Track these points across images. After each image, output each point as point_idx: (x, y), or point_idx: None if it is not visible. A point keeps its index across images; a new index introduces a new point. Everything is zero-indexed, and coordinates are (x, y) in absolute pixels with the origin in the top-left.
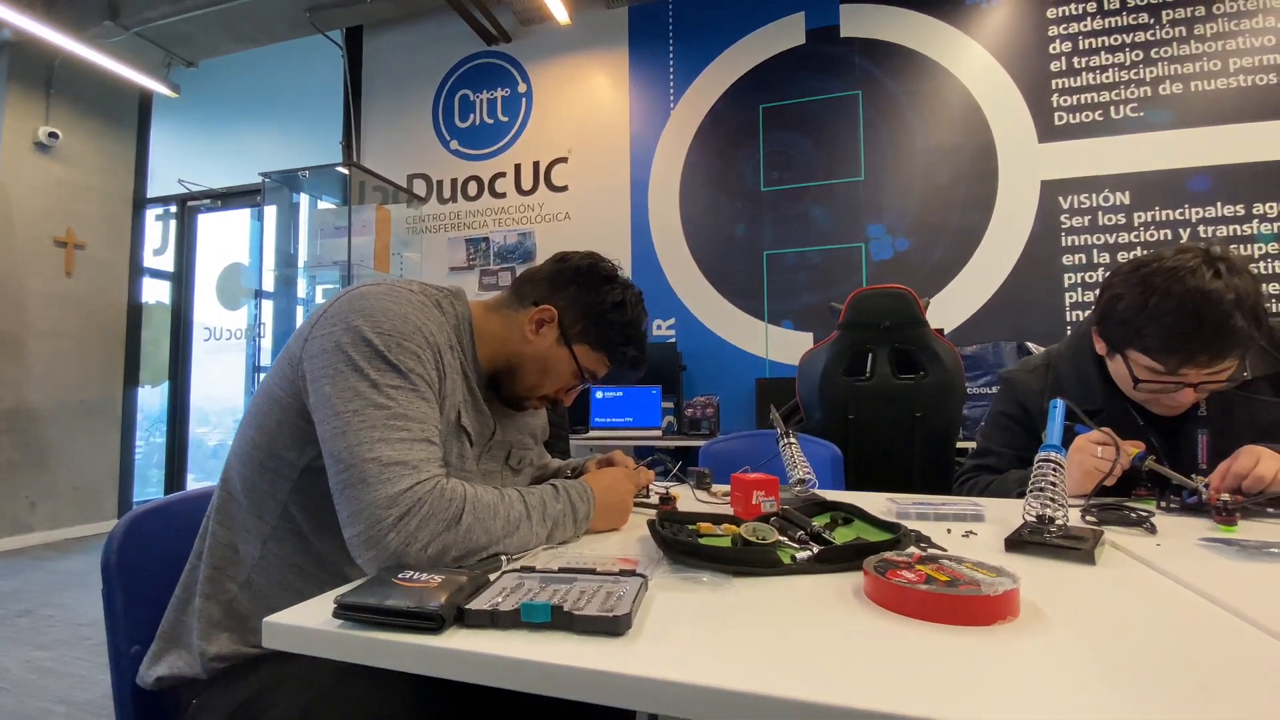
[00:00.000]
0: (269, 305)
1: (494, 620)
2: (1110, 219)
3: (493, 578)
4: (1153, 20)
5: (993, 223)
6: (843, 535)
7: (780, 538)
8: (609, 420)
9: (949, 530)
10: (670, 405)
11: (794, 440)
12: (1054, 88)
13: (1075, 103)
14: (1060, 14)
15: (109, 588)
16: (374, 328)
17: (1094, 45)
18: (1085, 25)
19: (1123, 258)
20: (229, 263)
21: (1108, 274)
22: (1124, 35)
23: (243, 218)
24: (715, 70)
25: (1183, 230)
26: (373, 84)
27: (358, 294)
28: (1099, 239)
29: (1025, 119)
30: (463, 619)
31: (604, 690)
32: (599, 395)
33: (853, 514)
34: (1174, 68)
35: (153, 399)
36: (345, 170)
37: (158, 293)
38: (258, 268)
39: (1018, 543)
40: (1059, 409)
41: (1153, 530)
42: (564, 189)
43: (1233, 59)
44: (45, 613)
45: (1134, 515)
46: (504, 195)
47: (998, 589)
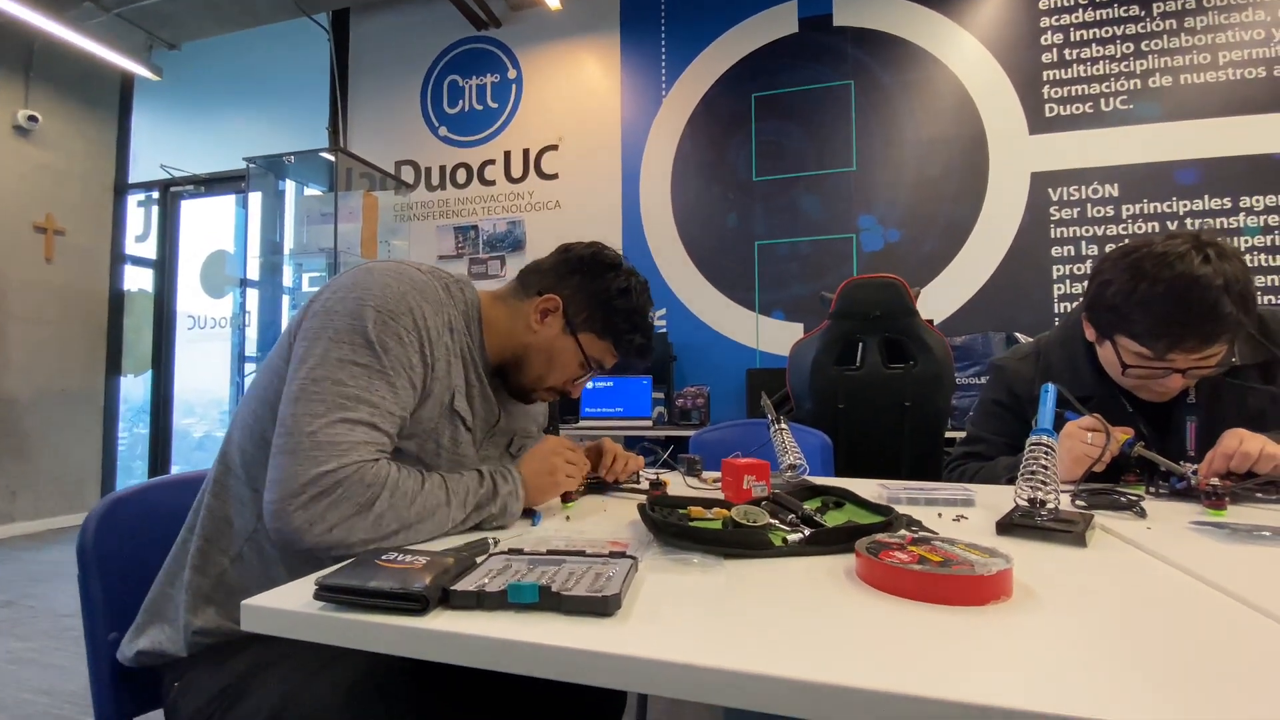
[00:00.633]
0: (254, 293)
1: (480, 601)
2: (1099, 211)
3: (479, 560)
4: (1143, 12)
5: (983, 214)
6: (834, 518)
7: (771, 520)
8: (599, 410)
9: (940, 515)
10: (661, 395)
11: (785, 426)
12: (1045, 79)
13: (1065, 94)
14: (1052, 4)
15: (85, 574)
16: (366, 303)
17: (1085, 37)
18: (1076, 17)
19: (1111, 250)
20: (213, 250)
21: (1098, 258)
22: (1114, 27)
23: (227, 204)
24: (707, 58)
25: (1170, 223)
26: (360, 68)
27: (364, 269)
28: (1088, 231)
29: (1016, 110)
30: (448, 600)
31: (593, 670)
32: (589, 385)
33: (844, 498)
34: (1164, 60)
35: (135, 389)
36: (331, 156)
37: (140, 280)
38: (242, 255)
39: (1009, 525)
40: (1050, 393)
41: (1143, 514)
42: (554, 177)
43: (1222, 52)
44: (26, 604)
45: (1124, 500)
46: (493, 183)
47: (991, 569)
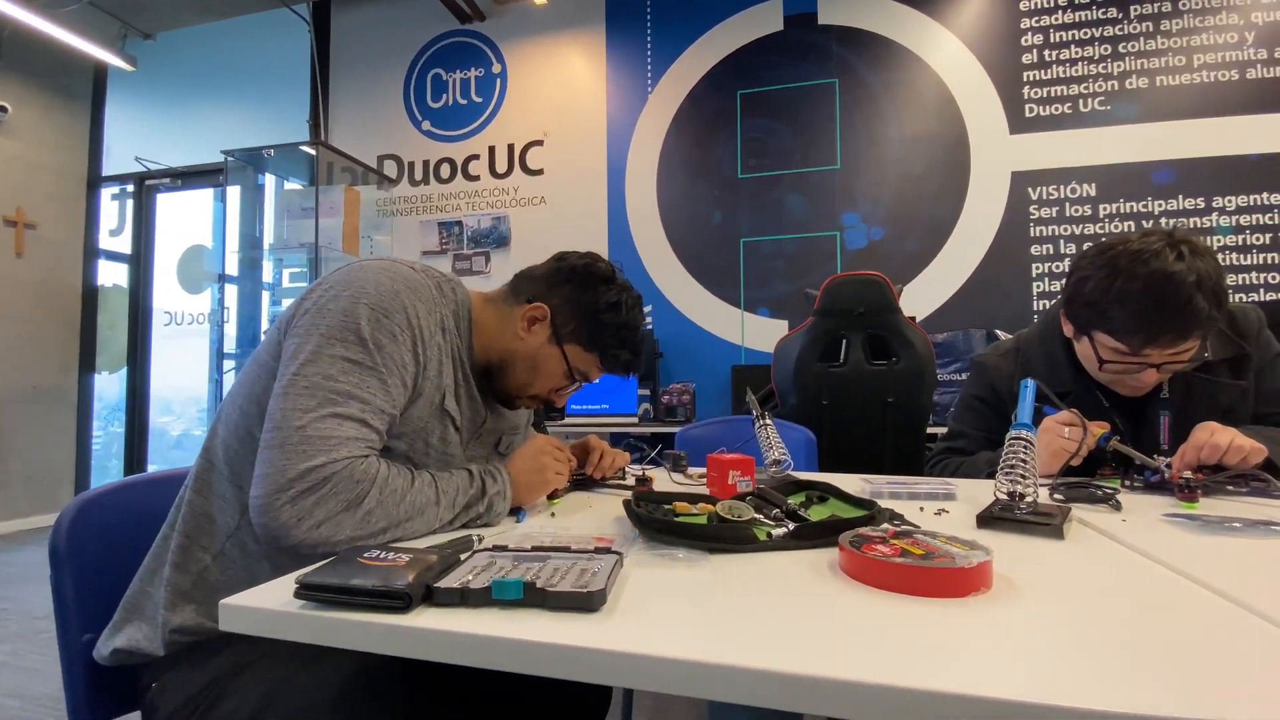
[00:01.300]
0: (233, 289)
1: (464, 598)
2: (1077, 210)
3: (463, 557)
4: (1121, 15)
5: (964, 213)
6: (818, 513)
7: (756, 515)
8: (585, 407)
9: (921, 509)
10: (646, 392)
11: (769, 422)
12: (1025, 80)
13: (1045, 95)
14: (1032, 6)
15: (58, 575)
16: (360, 300)
17: (1064, 38)
18: (1056, 18)
19: (1088, 248)
20: (190, 245)
21: (1075, 255)
22: (1093, 29)
23: (204, 198)
24: (693, 54)
25: (1146, 222)
26: (341, 61)
27: (357, 266)
28: (1066, 230)
29: (997, 110)
30: (431, 598)
31: (578, 666)
32: None
33: (827, 492)
34: (1140, 62)
35: (110, 386)
36: (312, 150)
37: (114, 275)
38: (221, 250)
39: (989, 519)
40: (1030, 389)
41: (1118, 507)
42: (539, 172)
43: (1197, 55)
44: None
45: (1100, 493)
46: (477, 178)
47: (972, 561)
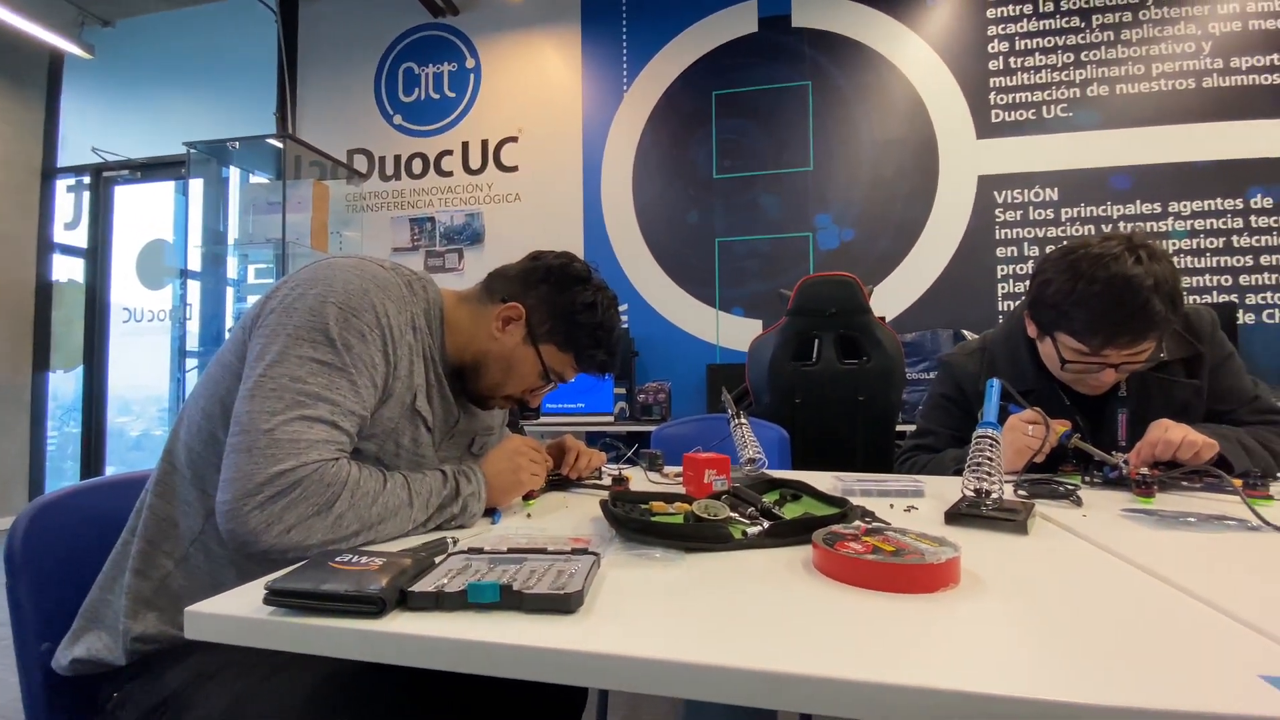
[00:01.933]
0: (195, 285)
1: (439, 602)
2: (1040, 214)
3: (438, 560)
4: (1084, 24)
5: (933, 215)
6: (792, 511)
7: (732, 514)
8: (560, 406)
9: (891, 506)
10: (622, 391)
11: (744, 421)
12: (992, 86)
13: (1011, 101)
14: (999, 14)
15: (14, 582)
16: (328, 299)
17: (1029, 46)
18: (1022, 26)
19: (1049, 250)
20: (150, 239)
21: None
22: (1057, 38)
23: (165, 191)
24: (669, 54)
25: (1106, 225)
26: (310, 52)
27: (324, 264)
28: (1030, 233)
29: (965, 115)
30: (405, 602)
31: (555, 668)
32: None
33: (801, 490)
34: (1101, 70)
35: (66, 385)
36: (279, 143)
37: (70, 270)
38: (183, 245)
39: (957, 515)
40: (995, 388)
41: (1079, 503)
42: (514, 169)
43: (1155, 64)
44: None
45: (1062, 489)
46: (451, 174)
47: (940, 557)
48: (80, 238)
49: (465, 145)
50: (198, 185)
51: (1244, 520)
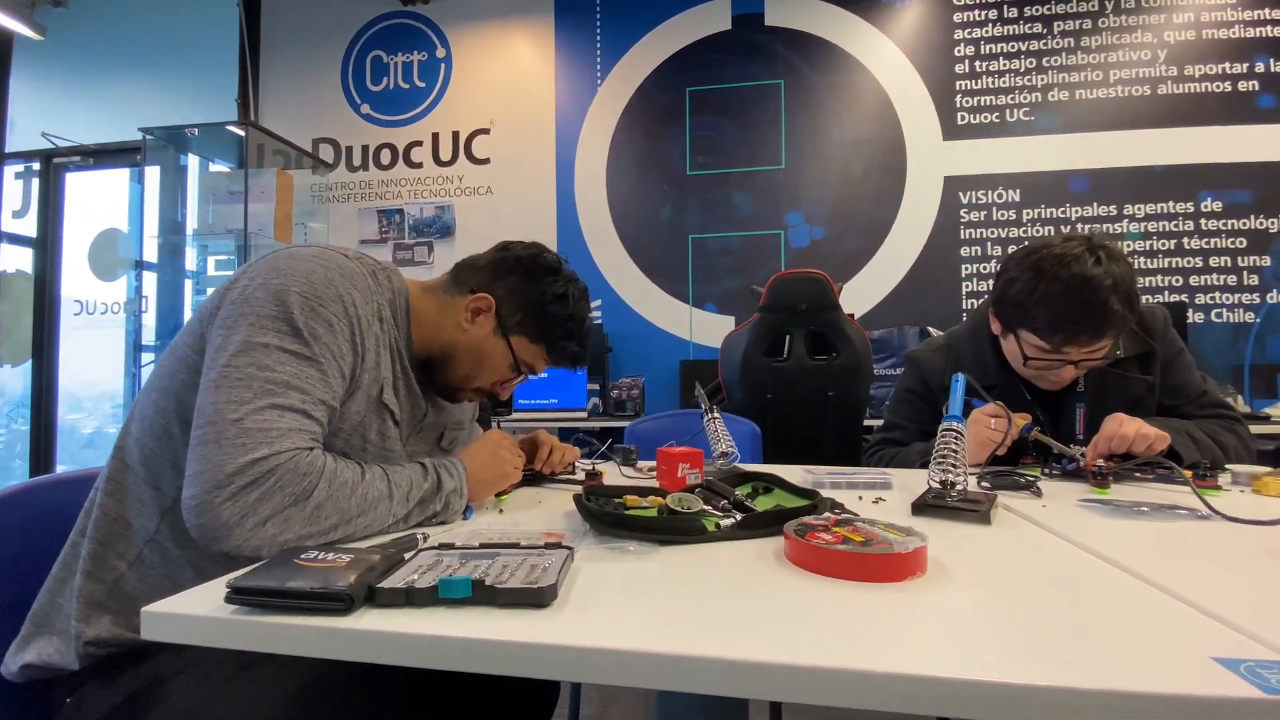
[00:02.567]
0: (151, 277)
1: (409, 598)
2: (1003, 215)
3: (407, 556)
4: (1046, 30)
5: (900, 215)
6: (764, 503)
7: (705, 507)
8: (533, 402)
9: (860, 497)
10: (596, 387)
11: (717, 415)
12: (957, 89)
13: (976, 104)
14: (965, 19)
15: None
16: (290, 288)
17: (994, 51)
18: (987, 31)
19: (1012, 250)
20: (104, 228)
21: (1004, 257)
22: (1020, 43)
23: (120, 178)
24: (644, 48)
25: (1065, 227)
26: (273, 37)
27: (286, 253)
28: (993, 233)
29: (932, 117)
30: (374, 599)
31: (528, 662)
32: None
33: (773, 483)
34: (1062, 76)
35: (13, 380)
36: (241, 130)
37: (17, 260)
38: (138, 235)
39: (923, 506)
40: (960, 383)
41: (1039, 494)
42: (485, 161)
43: (1113, 70)
44: None
45: (1023, 481)
46: (420, 165)
47: (908, 547)
48: (29, 226)
49: (435, 136)
50: (154, 173)
51: (1194, 509)
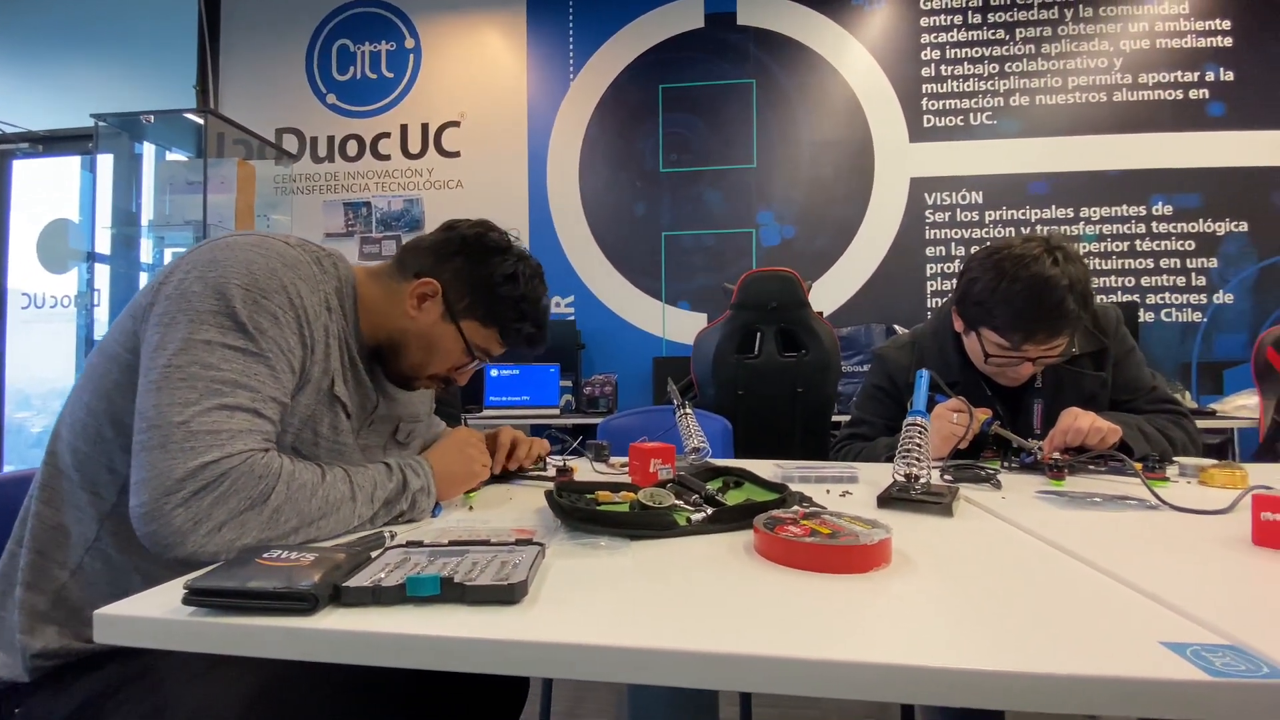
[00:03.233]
0: (104, 269)
1: (376, 597)
2: (966, 216)
3: (374, 554)
4: (1008, 37)
5: (868, 215)
6: (734, 497)
7: (676, 502)
8: (505, 399)
9: (828, 491)
10: (569, 383)
11: (689, 411)
12: (923, 92)
13: (941, 107)
14: (932, 24)
15: None
16: (230, 280)
17: (958, 56)
18: (952, 36)
19: (975, 251)
20: (53, 218)
21: (967, 257)
22: (983, 49)
23: (70, 166)
24: (617, 44)
25: (1025, 228)
26: (234, 22)
27: (222, 243)
28: (956, 234)
29: (899, 119)
30: (339, 598)
31: (497, 659)
32: (494, 373)
33: (743, 477)
34: (1023, 82)
35: None
36: (199, 118)
37: None
38: (90, 225)
39: (888, 499)
40: (924, 378)
41: (998, 486)
42: (456, 155)
43: (1071, 77)
44: None
45: (983, 473)
46: (388, 157)
47: (873, 539)
48: None
49: (404, 128)
50: (107, 161)
51: (1144, 500)
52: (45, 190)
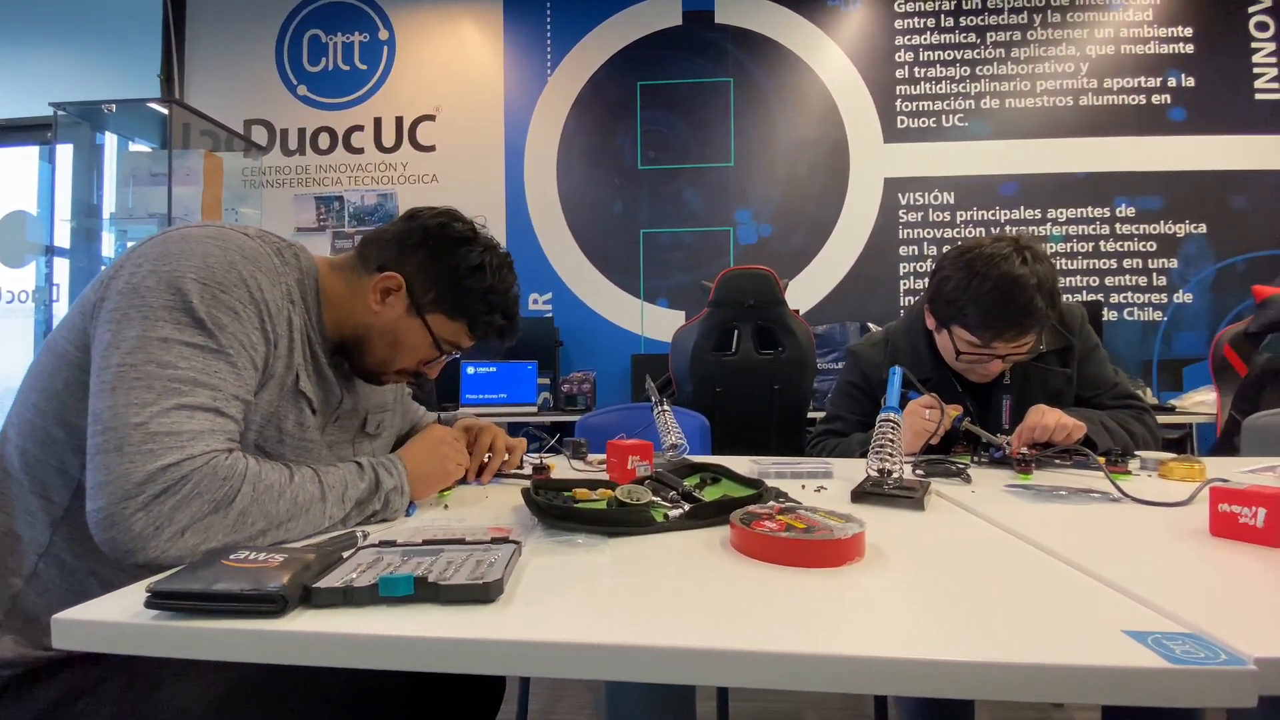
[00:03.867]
0: (64, 264)
1: (348, 598)
2: (938, 216)
3: (346, 554)
4: (979, 40)
5: (843, 214)
6: (711, 493)
7: (654, 498)
8: (482, 397)
9: (803, 486)
10: (546, 381)
11: (667, 408)
12: (898, 93)
13: (914, 109)
14: (906, 26)
15: None
16: (185, 275)
17: (931, 58)
18: (925, 39)
19: (947, 250)
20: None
21: (939, 256)
22: (955, 52)
23: (28, 156)
24: (594, 40)
25: (995, 228)
26: (201, 9)
27: (177, 235)
28: (929, 233)
29: (873, 120)
30: (309, 599)
31: (472, 658)
32: (470, 371)
33: (720, 474)
34: (994, 85)
35: None
36: (164, 108)
37: None
38: (48, 218)
39: (862, 494)
40: (897, 376)
41: (968, 480)
42: (431, 149)
43: (1040, 82)
44: None
45: (954, 468)
46: (361, 151)
47: (847, 533)
48: None
49: (378, 121)
50: (66, 152)
51: (1107, 493)
52: (1, 181)
